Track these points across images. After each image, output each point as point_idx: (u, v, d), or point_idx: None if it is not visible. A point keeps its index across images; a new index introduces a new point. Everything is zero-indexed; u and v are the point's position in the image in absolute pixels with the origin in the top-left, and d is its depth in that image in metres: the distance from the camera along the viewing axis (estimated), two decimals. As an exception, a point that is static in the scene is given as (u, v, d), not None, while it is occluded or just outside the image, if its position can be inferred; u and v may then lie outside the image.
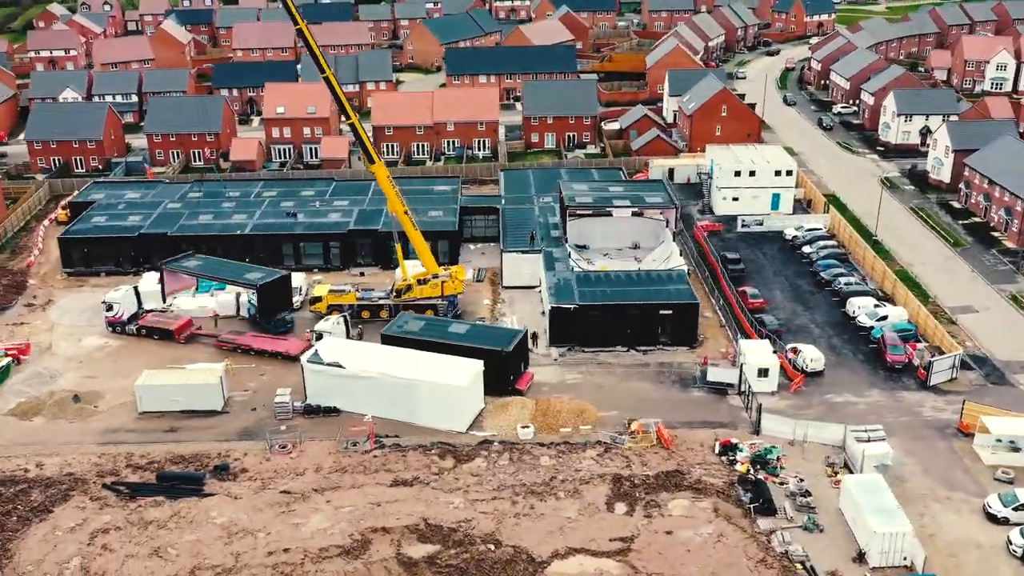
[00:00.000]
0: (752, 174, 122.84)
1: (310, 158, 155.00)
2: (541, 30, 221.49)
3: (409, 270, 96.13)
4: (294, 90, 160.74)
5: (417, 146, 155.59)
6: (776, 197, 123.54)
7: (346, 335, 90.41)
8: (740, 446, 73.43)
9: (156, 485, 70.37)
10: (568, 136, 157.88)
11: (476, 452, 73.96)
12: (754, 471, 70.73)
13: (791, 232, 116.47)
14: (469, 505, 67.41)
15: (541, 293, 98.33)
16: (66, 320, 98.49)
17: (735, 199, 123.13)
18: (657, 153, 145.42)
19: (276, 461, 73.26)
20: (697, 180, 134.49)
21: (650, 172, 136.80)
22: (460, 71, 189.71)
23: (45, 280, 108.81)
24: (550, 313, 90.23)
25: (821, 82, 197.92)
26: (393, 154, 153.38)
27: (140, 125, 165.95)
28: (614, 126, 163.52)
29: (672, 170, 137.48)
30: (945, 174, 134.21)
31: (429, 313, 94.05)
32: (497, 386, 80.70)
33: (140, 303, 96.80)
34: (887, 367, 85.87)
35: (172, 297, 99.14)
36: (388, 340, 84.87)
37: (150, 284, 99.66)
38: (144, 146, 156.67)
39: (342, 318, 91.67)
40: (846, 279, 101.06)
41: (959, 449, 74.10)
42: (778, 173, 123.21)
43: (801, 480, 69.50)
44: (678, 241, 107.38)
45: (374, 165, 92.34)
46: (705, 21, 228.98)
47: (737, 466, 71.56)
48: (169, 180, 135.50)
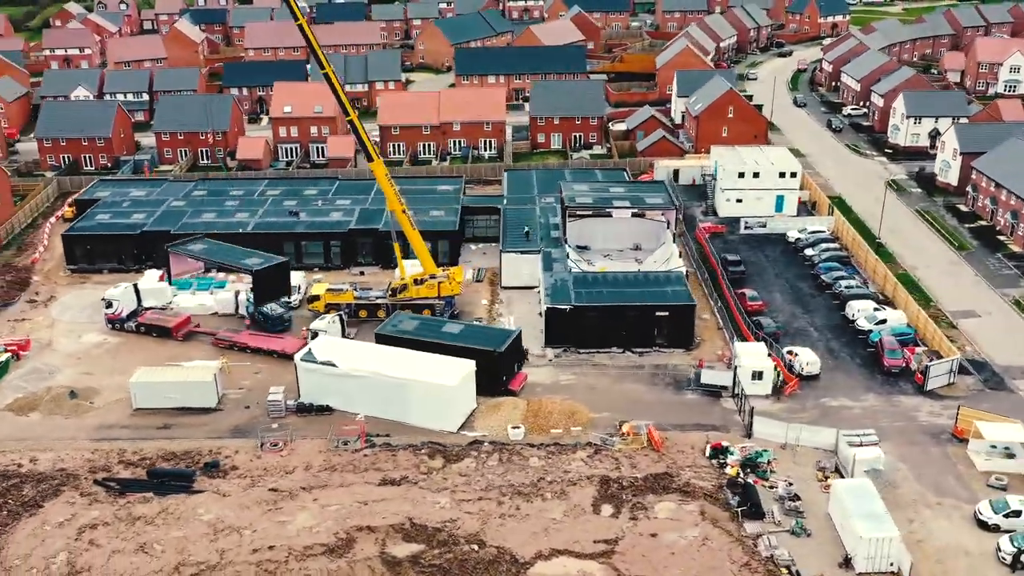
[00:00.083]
0: (756, 176, 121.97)
1: (317, 157, 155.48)
2: (552, 30, 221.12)
3: (408, 270, 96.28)
4: (302, 89, 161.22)
5: (423, 146, 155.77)
6: (780, 199, 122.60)
7: (341, 334, 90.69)
8: (731, 449, 73.04)
9: (146, 481, 70.74)
10: (574, 137, 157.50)
11: (466, 452, 73.92)
12: (744, 474, 70.29)
13: (794, 235, 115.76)
14: (455, 505, 67.40)
15: (539, 293, 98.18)
16: (67, 317, 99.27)
17: (739, 201, 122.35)
18: (663, 154, 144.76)
19: (266, 459, 73.54)
20: (701, 182, 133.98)
21: (655, 173, 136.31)
22: (469, 71, 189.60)
23: (48, 277, 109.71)
24: (546, 314, 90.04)
25: (832, 84, 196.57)
26: (399, 154, 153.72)
27: (150, 123, 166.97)
28: (621, 127, 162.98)
29: (677, 171, 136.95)
30: (953, 177, 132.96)
31: (426, 313, 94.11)
32: (490, 386, 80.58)
33: (140, 300, 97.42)
34: (884, 371, 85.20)
35: (174, 294, 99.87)
36: (382, 339, 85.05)
37: (151, 282, 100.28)
38: (154, 144, 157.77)
39: (337, 317, 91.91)
40: (846, 282, 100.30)
41: (953, 455, 73.37)
42: (782, 175, 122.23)
43: (790, 484, 68.99)
44: (679, 242, 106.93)
45: (373, 163, 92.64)
46: (717, 22, 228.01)
47: (727, 469, 71.18)
48: (174, 178, 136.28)
